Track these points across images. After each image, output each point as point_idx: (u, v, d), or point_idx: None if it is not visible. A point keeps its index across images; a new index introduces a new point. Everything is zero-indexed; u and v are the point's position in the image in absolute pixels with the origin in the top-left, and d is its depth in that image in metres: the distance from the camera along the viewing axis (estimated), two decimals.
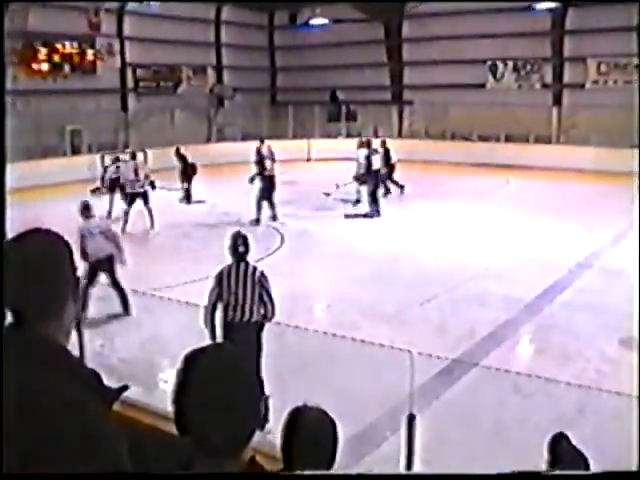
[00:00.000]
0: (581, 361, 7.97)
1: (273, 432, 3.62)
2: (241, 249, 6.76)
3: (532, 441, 3.84)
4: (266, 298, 6.62)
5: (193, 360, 1.52)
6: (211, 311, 6.68)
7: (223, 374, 1.49)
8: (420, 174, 22.91)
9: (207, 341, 6.63)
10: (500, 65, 28.04)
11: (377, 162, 17.60)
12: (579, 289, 10.77)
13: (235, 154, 24.50)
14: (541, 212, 16.56)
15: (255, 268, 6.74)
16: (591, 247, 13.26)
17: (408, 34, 30.01)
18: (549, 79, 27.17)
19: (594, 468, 2.85)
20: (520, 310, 9.83)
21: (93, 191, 20.42)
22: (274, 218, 16.07)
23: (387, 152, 19.04)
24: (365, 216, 16.60)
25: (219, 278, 6.73)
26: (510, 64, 27.80)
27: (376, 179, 17.27)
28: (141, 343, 8.66)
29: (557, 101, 27.17)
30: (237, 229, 7.23)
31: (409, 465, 4.98)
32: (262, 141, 20.33)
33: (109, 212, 16.54)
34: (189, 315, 7.49)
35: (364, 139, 19.34)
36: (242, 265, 6.71)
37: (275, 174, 16.46)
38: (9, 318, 1.65)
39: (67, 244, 1.74)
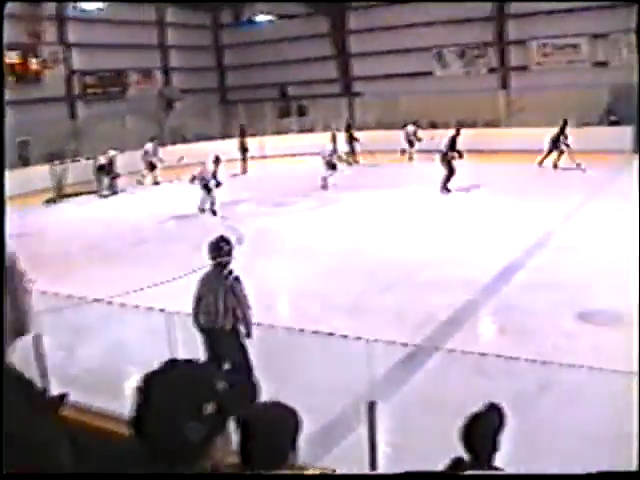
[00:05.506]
0: (540, 337, 8.10)
1: None
2: (212, 254, 6.75)
3: None
4: (236, 304, 6.60)
5: (150, 380, 1.60)
6: (194, 316, 6.75)
7: (175, 391, 1.57)
8: (373, 164, 23.44)
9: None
10: (446, 52, 28.30)
11: None
12: (535, 268, 10.95)
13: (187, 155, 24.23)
14: (495, 194, 16.78)
15: (229, 273, 6.71)
16: (545, 226, 13.44)
17: (353, 26, 30.14)
18: (495, 64, 27.56)
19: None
20: (478, 292, 9.94)
21: (47, 201, 20.21)
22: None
23: None
24: None
25: (199, 283, 6.81)
26: (456, 51, 28.07)
27: None
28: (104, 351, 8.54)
29: (503, 85, 27.58)
30: (219, 234, 7.20)
31: (373, 450, 5.03)
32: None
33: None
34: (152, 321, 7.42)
35: None
36: (216, 270, 6.73)
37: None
38: None
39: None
